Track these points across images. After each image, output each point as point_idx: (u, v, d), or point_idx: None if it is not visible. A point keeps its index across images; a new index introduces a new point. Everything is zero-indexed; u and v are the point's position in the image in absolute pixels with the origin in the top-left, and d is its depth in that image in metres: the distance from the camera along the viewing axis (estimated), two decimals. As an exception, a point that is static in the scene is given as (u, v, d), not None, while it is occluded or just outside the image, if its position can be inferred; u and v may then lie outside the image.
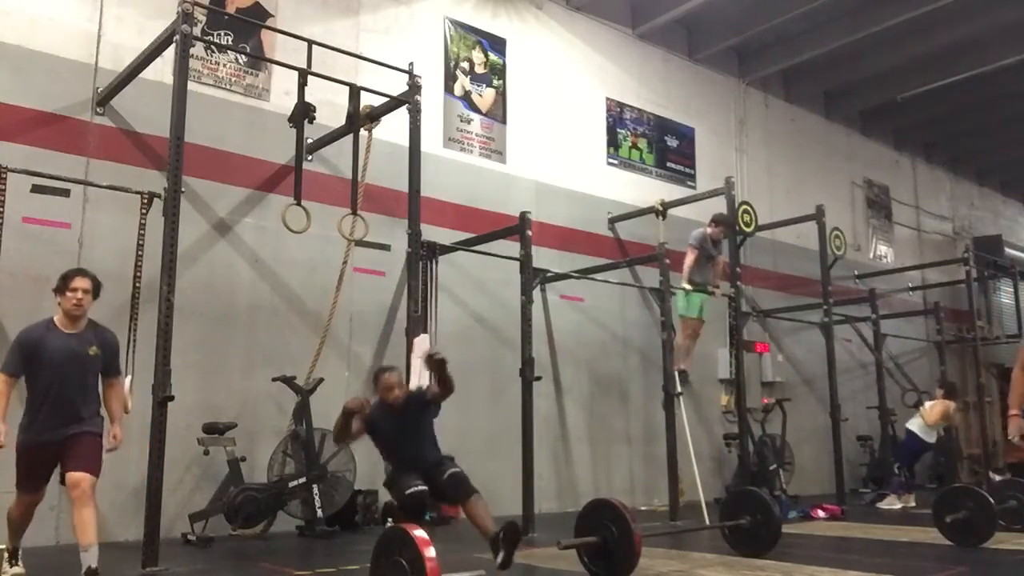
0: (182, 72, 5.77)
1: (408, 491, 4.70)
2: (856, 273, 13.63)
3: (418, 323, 7.10)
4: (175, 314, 5.48)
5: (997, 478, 10.79)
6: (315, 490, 6.79)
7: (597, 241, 10.33)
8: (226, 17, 7.60)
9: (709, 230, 9.30)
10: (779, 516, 5.98)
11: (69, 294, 4.50)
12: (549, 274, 8.89)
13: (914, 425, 10.01)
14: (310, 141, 7.47)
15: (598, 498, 5.13)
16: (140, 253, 6.17)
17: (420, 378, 6.63)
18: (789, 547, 5.99)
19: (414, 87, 7.07)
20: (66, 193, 6.32)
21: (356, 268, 8.01)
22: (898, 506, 9.80)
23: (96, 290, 4.64)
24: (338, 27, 8.44)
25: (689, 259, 9.15)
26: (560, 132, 10.31)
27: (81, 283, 4.53)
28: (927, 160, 16.51)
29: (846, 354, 12.45)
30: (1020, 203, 19.53)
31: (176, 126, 5.69)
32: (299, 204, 6.45)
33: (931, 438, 10.00)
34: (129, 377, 5.73)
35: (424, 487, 4.74)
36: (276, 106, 7.74)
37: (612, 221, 10.59)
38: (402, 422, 4.97)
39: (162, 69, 6.79)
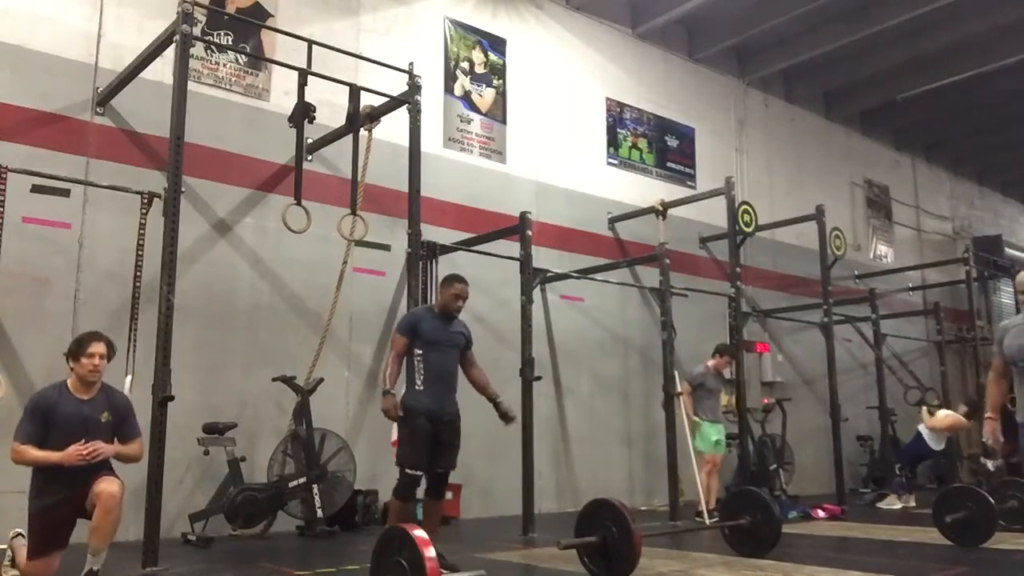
0: (182, 72, 5.77)
1: (410, 471, 4.92)
2: (856, 273, 13.64)
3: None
4: (175, 314, 5.48)
5: (989, 464, 10.72)
6: (315, 490, 6.78)
7: (597, 241, 10.33)
8: (226, 17, 7.59)
9: (711, 363, 8.47)
10: (779, 516, 5.98)
11: (85, 360, 4.29)
12: (549, 274, 8.89)
13: (926, 433, 9.89)
14: (310, 141, 7.48)
15: (598, 498, 5.12)
16: (140, 253, 6.17)
17: None
18: (789, 547, 5.99)
19: (414, 87, 7.07)
20: (66, 193, 6.32)
21: (356, 268, 8.01)
22: (898, 506, 9.79)
23: (110, 354, 4.47)
24: (338, 27, 8.44)
25: (685, 401, 8.30)
26: (560, 132, 10.31)
27: (98, 348, 4.34)
28: (927, 160, 16.52)
29: (846, 354, 12.45)
30: (1020, 203, 19.54)
31: (176, 126, 5.69)
32: (299, 204, 6.46)
33: (939, 445, 9.88)
34: (129, 377, 5.75)
35: (421, 475, 4.96)
36: (276, 106, 7.75)
37: (612, 221, 10.59)
38: (446, 333, 5.13)
39: (162, 69, 6.79)
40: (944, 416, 9.87)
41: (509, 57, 9.99)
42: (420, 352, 5.05)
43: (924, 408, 10.25)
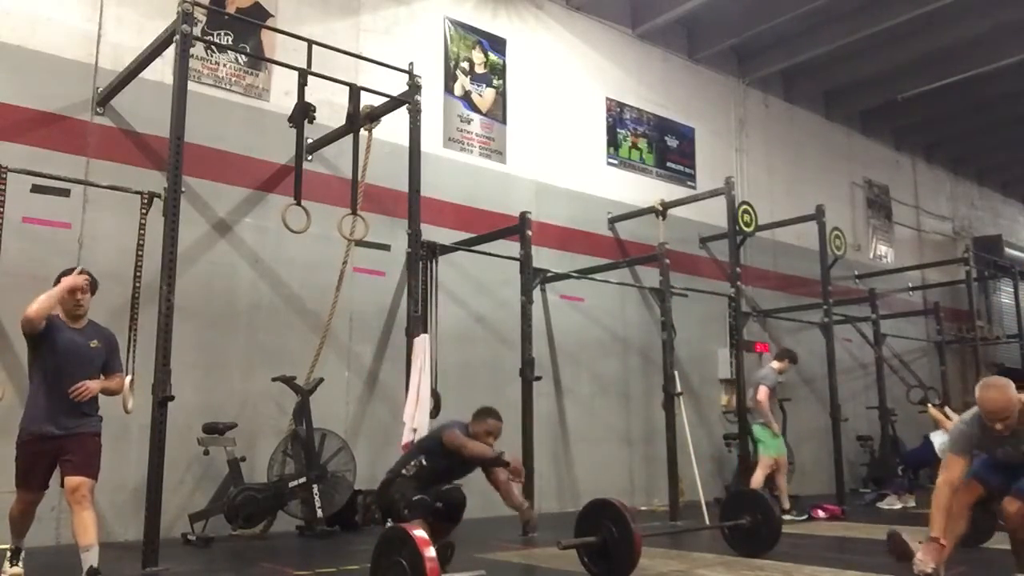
0: (182, 72, 5.77)
1: (416, 498, 4.61)
2: (856, 273, 13.63)
3: (418, 323, 7.09)
4: (175, 314, 5.48)
5: None
6: (315, 490, 6.78)
7: (597, 241, 10.33)
8: (226, 17, 7.59)
9: (777, 366, 8.76)
10: (779, 516, 5.98)
11: (67, 296, 4.57)
12: (549, 274, 8.89)
13: (937, 439, 9.60)
14: (310, 141, 7.47)
15: (598, 498, 5.12)
16: (140, 253, 6.15)
17: (420, 381, 6.63)
18: (789, 547, 5.99)
19: (414, 87, 7.07)
20: (66, 193, 6.31)
21: (356, 268, 8.01)
22: (898, 506, 9.79)
23: (93, 287, 4.73)
24: (338, 27, 8.44)
25: (766, 404, 8.45)
26: (560, 132, 10.31)
27: (76, 282, 4.61)
28: (927, 160, 16.52)
29: (846, 354, 12.45)
30: (1020, 203, 19.55)
31: (176, 126, 5.68)
32: (299, 204, 6.45)
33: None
34: (129, 377, 5.74)
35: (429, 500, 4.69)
36: (276, 106, 7.75)
37: (612, 221, 10.59)
38: (460, 467, 4.85)
39: (162, 69, 6.79)
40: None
41: (509, 57, 9.99)
42: (433, 464, 4.76)
43: (931, 407, 10.19)
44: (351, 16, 8.64)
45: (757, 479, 8.32)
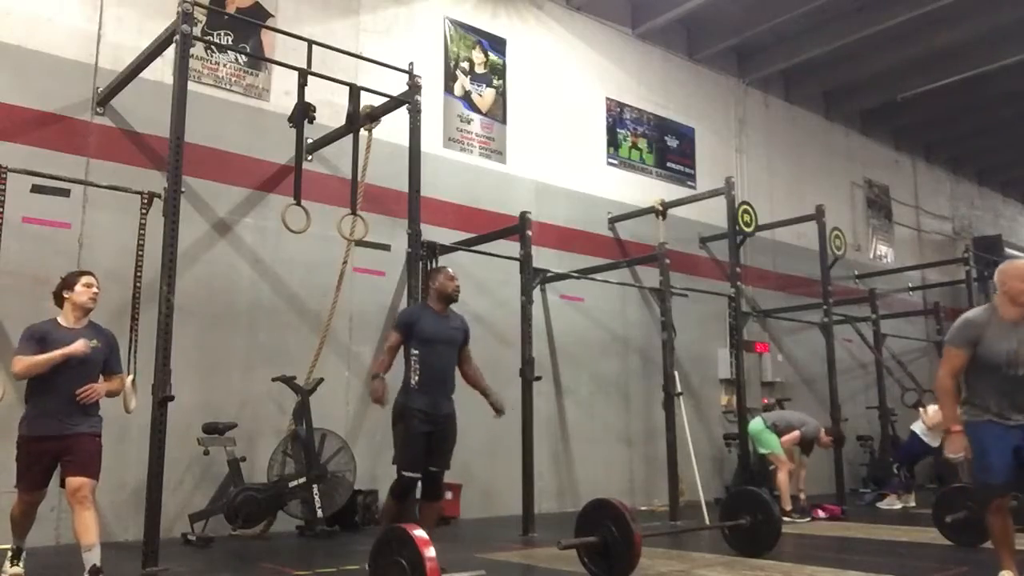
0: (182, 72, 5.77)
1: (407, 473, 4.86)
2: (856, 273, 13.64)
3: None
4: (175, 314, 5.47)
5: None
6: (315, 490, 6.79)
7: (597, 241, 10.33)
8: (226, 17, 7.59)
9: (823, 436, 8.83)
10: (779, 516, 5.98)
11: (82, 288, 4.61)
12: (549, 274, 8.89)
13: (917, 427, 9.90)
14: (310, 141, 7.47)
15: (598, 498, 5.12)
16: (140, 253, 6.16)
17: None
18: (789, 547, 6.00)
19: (414, 87, 7.06)
20: (66, 193, 6.31)
21: (356, 268, 8.01)
22: (898, 506, 9.80)
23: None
24: (338, 27, 8.44)
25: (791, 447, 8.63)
26: (560, 132, 10.31)
27: (91, 279, 4.69)
28: (927, 160, 16.52)
29: (846, 354, 12.45)
30: (1020, 203, 19.55)
31: (176, 126, 5.68)
32: (299, 204, 6.45)
33: (935, 441, 9.88)
34: (131, 376, 5.74)
35: (419, 477, 4.90)
36: (276, 106, 7.75)
37: (612, 221, 10.59)
38: (443, 327, 5.09)
39: (162, 69, 6.79)
40: (933, 411, 9.91)
41: (509, 57, 9.99)
42: (416, 352, 4.98)
43: (922, 409, 10.27)
44: (351, 16, 8.64)
45: (783, 480, 8.36)
